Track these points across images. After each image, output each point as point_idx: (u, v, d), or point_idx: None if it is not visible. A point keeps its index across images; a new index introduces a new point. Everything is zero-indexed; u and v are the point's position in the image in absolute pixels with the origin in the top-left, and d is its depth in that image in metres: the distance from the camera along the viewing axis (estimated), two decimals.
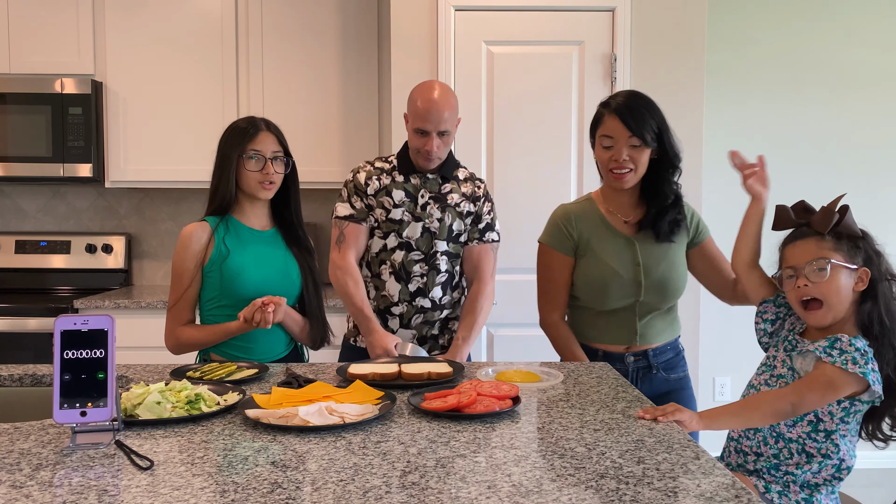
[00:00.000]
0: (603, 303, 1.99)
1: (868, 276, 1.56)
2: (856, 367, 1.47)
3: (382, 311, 2.23)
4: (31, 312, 3.17)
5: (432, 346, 2.26)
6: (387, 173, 2.26)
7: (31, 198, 3.78)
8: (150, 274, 3.83)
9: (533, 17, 3.04)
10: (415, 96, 2.17)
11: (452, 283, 2.25)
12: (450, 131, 2.18)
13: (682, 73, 3.04)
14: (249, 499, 1.04)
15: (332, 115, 3.47)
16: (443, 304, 2.23)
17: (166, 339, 2.02)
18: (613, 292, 1.97)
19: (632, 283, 1.96)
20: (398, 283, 2.21)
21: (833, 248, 1.56)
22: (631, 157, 1.90)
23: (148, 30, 3.41)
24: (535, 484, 1.09)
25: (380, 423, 1.39)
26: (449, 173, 2.27)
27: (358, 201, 2.24)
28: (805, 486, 1.56)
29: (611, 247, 1.99)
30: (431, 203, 2.22)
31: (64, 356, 1.28)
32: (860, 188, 3.74)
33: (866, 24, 3.72)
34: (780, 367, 1.62)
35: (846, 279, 1.55)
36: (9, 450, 1.25)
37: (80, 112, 3.33)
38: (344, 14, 3.45)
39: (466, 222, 2.25)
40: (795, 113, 3.74)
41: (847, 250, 1.56)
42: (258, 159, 1.97)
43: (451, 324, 2.29)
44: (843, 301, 1.56)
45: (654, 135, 1.90)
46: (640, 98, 1.94)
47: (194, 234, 1.97)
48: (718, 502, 1.03)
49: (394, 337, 2.11)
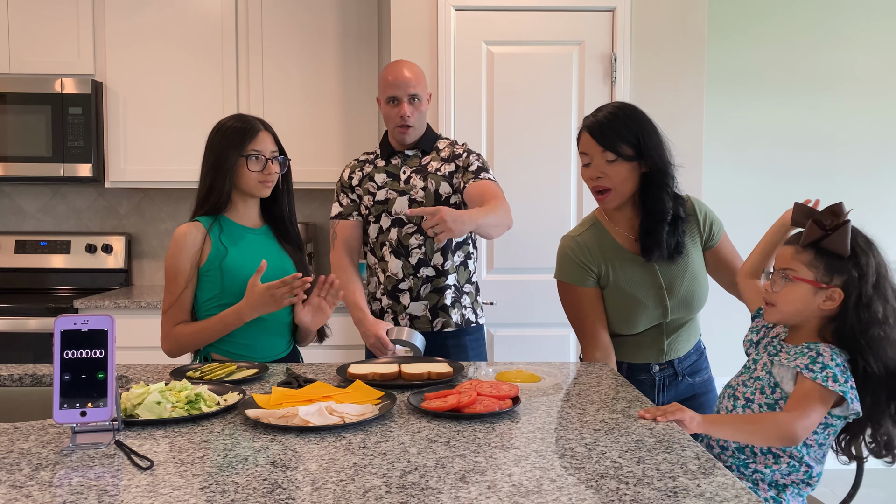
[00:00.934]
0: (630, 329, 1.93)
1: (840, 297, 1.51)
2: (836, 384, 1.46)
3: (391, 291, 2.32)
4: (31, 312, 3.17)
5: (445, 321, 2.31)
6: (369, 162, 2.40)
7: (31, 198, 3.78)
8: (150, 274, 3.83)
9: (533, 17, 3.04)
10: (382, 73, 2.33)
11: (452, 247, 2.31)
12: (420, 97, 2.29)
13: (682, 73, 3.04)
14: (249, 499, 1.04)
15: (331, 115, 3.46)
16: (446, 270, 2.30)
17: (163, 342, 1.98)
18: (640, 319, 1.90)
19: (657, 307, 1.89)
20: (399, 259, 2.30)
21: (808, 261, 1.52)
22: (606, 174, 1.81)
23: (148, 30, 3.41)
24: (535, 484, 1.09)
25: (380, 423, 1.39)
26: (428, 146, 2.37)
27: (344, 198, 2.38)
28: (773, 485, 1.56)
29: (630, 274, 1.89)
30: (413, 175, 2.33)
31: (64, 356, 1.28)
32: (860, 188, 3.74)
33: (866, 24, 3.72)
34: (760, 370, 1.62)
35: (810, 294, 1.52)
36: (9, 450, 1.25)
37: (80, 112, 3.33)
38: (344, 14, 3.45)
39: (453, 182, 2.31)
40: (796, 113, 3.74)
41: (825, 267, 1.51)
42: (259, 159, 1.96)
43: (463, 298, 2.34)
44: (800, 311, 1.55)
45: (633, 147, 1.79)
46: (619, 110, 1.83)
47: (189, 235, 1.95)
48: (718, 502, 1.03)
49: (385, 323, 2.16)
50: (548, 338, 2.97)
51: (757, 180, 3.75)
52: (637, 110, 1.87)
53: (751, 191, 3.76)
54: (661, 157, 1.81)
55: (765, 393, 1.58)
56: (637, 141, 1.80)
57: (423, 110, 2.33)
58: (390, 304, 2.33)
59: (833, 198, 1.61)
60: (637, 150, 1.80)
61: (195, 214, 2.02)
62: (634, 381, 1.95)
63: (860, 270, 1.49)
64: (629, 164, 1.81)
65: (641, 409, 1.47)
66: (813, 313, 1.54)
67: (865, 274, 1.49)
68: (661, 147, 1.82)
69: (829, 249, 1.51)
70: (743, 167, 3.75)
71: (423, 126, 2.36)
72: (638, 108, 1.88)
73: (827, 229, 1.50)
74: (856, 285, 1.49)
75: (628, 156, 1.80)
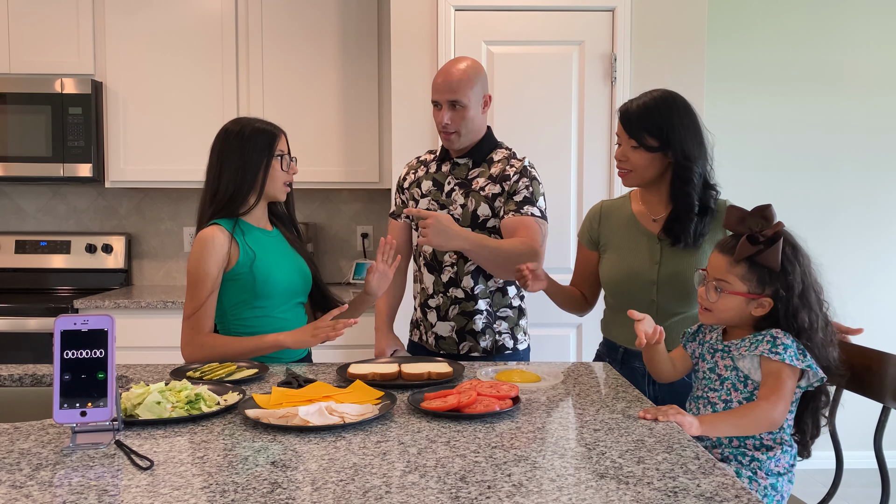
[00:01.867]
0: (620, 300, 1.99)
1: (770, 305, 1.58)
2: (800, 361, 1.53)
3: (422, 305, 2.24)
4: (31, 312, 3.17)
5: (472, 345, 2.18)
6: (424, 165, 2.29)
7: (31, 198, 3.78)
8: (150, 274, 3.83)
9: (533, 17, 3.04)
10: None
11: (485, 272, 2.16)
12: (462, 103, 2.09)
13: (682, 73, 3.04)
14: (249, 499, 1.04)
15: (332, 116, 3.46)
16: (476, 295, 2.16)
17: (184, 349, 1.92)
18: (629, 289, 1.97)
19: (647, 282, 1.94)
20: (431, 273, 2.21)
21: (741, 275, 1.58)
22: (629, 158, 1.92)
23: (148, 30, 3.41)
24: (535, 484, 1.09)
25: (380, 423, 1.39)
26: (481, 156, 2.19)
27: (398, 197, 2.33)
28: (770, 473, 1.58)
29: (633, 244, 1.99)
30: (456, 189, 2.19)
31: (64, 356, 1.28)
32: (860, 188, 3.74)
33: (866, 24, 3.73)
34: (724, 370, 1.63)
35: (743, 304, 1.60)
36: (9, 450, 1.25)
37: (80, 112, 3.33)
38: (344, 14, 3.45)
39: (495, 205, 2.14)
40: (796, 112, 3.74)
41: (757, 280, 1.58)
42: (285, 160, 2.00)
43: (497, 323, 2.19)
44: (734, 318, 1.62)
45: (659, 138, 1.87)
46: (653, 101, 1.90)
47: (217, 239, 1.90)
48: (718, 502, 1.03)
49: (393, 344, 2.13)
50: (548, 338, 2.97)
51: (757, 180, 3.75)
52: (674, 103, 1.91)
53: (751, 190, 3.75)
54: (685, 151, 1.87)
55: (738, 389, 1.61)
56: (662, 133, 1.87)
57: (469, 116, 2.12)
58: (421, 318, 2.26)
59: (833, 198, 1.62)
60: (663, 142, 1.88)
61: (210, 217, 1.96)
62: (628, 367, 1.99)
63: (787, 284, 1.57)
64: (652, 154, 1.89)
65: (642, 409, 1.47)
66: (747, 318, 1.62)
67: (792, 287, 1.56)
68: (690, 141, 1.88)
69: (761, 264, 1.57)
70: (743, 167, 3.75)
71: (474, 132, 2.17)
72: (678, 101, 1.91)
73: (760, 244, 1.56)
74: (782, 298, 1.57)
75: (652, 146, 1.88)
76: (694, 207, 1.89)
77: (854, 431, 2.66)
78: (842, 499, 2.95)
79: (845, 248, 3.73)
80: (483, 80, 2.16)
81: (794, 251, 1.59)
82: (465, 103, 2.10)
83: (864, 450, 2.31)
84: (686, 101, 1.93)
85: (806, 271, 1.59)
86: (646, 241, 1.97)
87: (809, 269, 1.61)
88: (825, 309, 1.62)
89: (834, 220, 3.74)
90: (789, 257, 1.58)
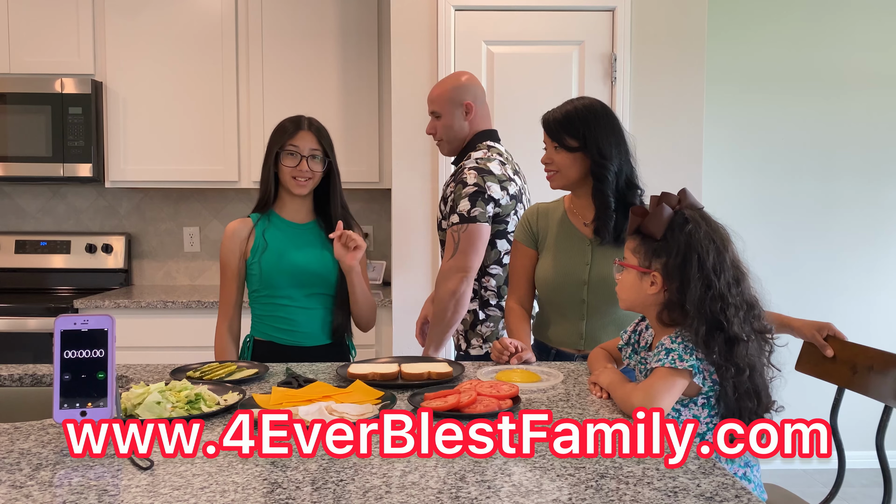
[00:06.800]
0: (553, 300, 2.04)
1: (660, 280, 1.52)
2: (683, 362, 1.48)
3: None
4: (31, 312, 3.17)
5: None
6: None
7: (31, 198, 3.78)
8: (150, 274, 3.83)
9: (533, 17, 3.04)
10: None
11: None
12: (438, 113, 2.31)
13: (682, 73, 3.04)
14: (249, 499, 1.04)
15: (332, 115, 3.46)
16: None
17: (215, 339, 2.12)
18: (560, 289, 2.00)
19: (577, 282, 1.98)
20: None
21: (633, 248, 1.58)
22: (552, 160, 1.99)
23: (148, 30, 3.41)
24: (535, 484, 1.09)
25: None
26: (458, 162, 2.35)
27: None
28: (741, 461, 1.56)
29: (566, 245, 2.03)
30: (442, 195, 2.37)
31: (64, 356, 1.28)
32: (860, 188, 3.74)
33: (865, 24, 3.72)
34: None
35: (637, 280, 1.57)
36: (9, 450, 1.25)
37: (80, 112, 3.33)
38: (344, 14, 3.45)
39: (444, 208, 2.31)
40: (796, 112, 3.74)
41: (644, 252, 1.55)
42: (294, 155, 2.05)
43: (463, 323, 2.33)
44: (636, 298, 1.58)
45: (577, 138, 1.93)
46: (573, 107, 1.97)
47: (235, 230, 2.08)
48: (718, 502, 1.03)
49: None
50: None
51: (757, 180, 3.75)
52: (592, 107, 1.96)
53: (750, 190, 3.76)
54: (601, 150, 1.93)
55: None
56: (580, 132, 1.93)
57: (448, 124, 2.31)
58: None
59: (833, 198, 1.61)
60: (581, 141, 1.94)
61: (253, 210, 2.14)
62: None
63: (668, 251, 1.50)
64: (573, 154, 1.95)
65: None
66: (647, 299, 1.57)
67: (671, 253, 1.50)
68: (605, 141, 1.93)
69: (645, 234, 1.55)
70: (743, 166, 3.75)
71: (457, 140, 2.33)
72: (596, 106, 1.97)
73: (645, 214, 1.55)
74: (668, 268, 1.51)
75: (572, 146, 1.95)
76: (611, 205, 1.93)
77: (855, 431, 2.67)
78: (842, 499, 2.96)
79: (845, 248, 3.72)
80: (462, 88, 2.31)
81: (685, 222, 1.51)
82: (441, 113, 2.31)
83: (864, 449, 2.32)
84: (607, 107, 1.99)
85: (696, 242, 1.49)
86: (577, 242, 2.02)
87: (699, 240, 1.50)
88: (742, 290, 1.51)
89: (834, 220, 3.73)
90: (679, 227, 1.51)
